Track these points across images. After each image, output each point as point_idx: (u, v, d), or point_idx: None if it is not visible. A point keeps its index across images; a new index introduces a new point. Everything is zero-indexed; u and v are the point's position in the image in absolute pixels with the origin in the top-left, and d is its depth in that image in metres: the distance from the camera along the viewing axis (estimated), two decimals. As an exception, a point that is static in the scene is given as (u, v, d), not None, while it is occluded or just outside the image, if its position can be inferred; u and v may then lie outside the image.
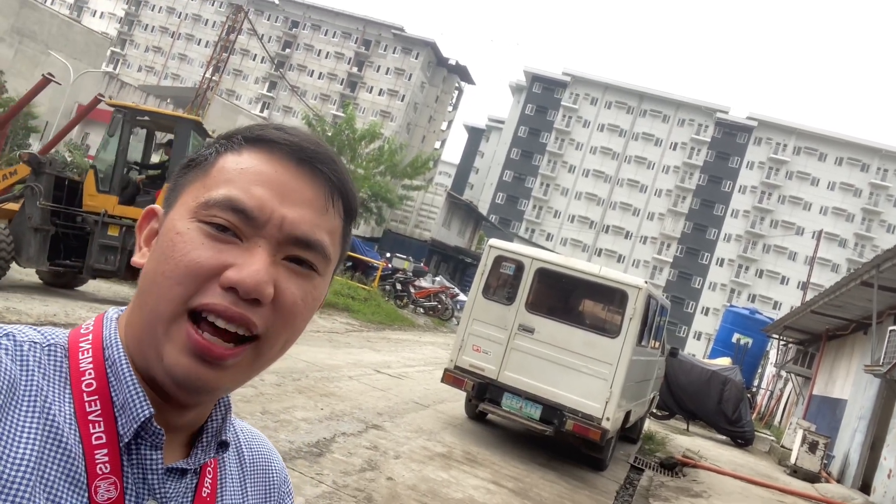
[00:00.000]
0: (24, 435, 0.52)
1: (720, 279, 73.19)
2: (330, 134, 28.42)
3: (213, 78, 29.91)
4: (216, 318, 0.56)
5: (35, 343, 0.57)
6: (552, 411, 7.18)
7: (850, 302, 11.22)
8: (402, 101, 73.27)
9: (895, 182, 71.36)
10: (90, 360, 0.58)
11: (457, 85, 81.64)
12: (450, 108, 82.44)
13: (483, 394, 7.57)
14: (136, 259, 0.62)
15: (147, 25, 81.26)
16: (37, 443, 0.52)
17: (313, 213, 0.60)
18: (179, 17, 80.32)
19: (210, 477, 0.64)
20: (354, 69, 75.70)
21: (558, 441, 8.01)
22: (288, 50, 77.56)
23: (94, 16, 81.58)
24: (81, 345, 0.59)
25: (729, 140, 75.52)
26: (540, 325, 7.51)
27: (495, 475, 6.31)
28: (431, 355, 13.39)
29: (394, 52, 75.03)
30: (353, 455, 5.68)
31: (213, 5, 79.29)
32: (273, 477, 0.74)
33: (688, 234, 74.81)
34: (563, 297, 8.00)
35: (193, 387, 0.57)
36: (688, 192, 75.99)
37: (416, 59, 74.27)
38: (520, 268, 7.76)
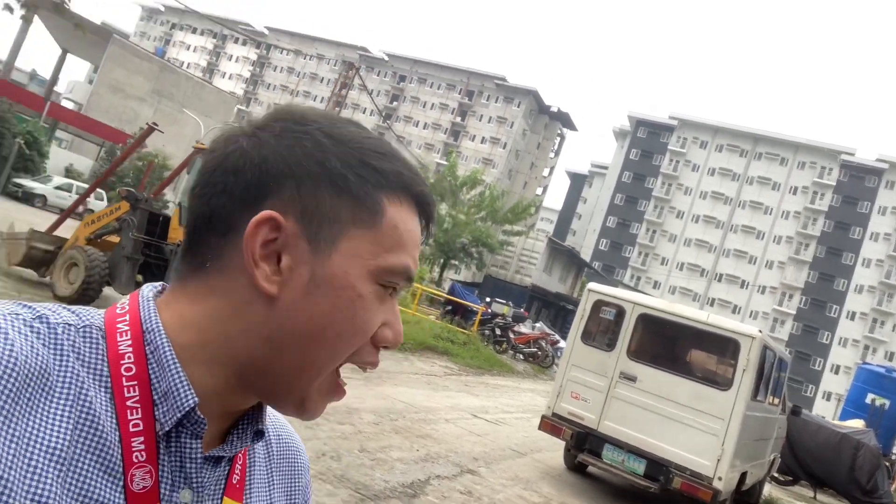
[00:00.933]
0: (56, 425, 0.50)
1: (851, 334, 66.85)
2: (433, 181, 29.23)
3: (326, 130, 31.69)
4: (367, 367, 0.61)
5: (69, 325, 0.54)
6: (657, 467, 6.77)
7: None
8: (504, 148, 74.31)
9: None
10: (129, 342, 0.56)
11: (559, 131, 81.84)
12: (552, 155, 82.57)
13: (582, 444, 7.28)
14: (263, 282, 0.55)
15: (270, 84, 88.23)
16: (68, 431, 0.50)
17: (418, 251, 0.64)
18: (298, 77, 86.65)
19: (240, 464, 0.64)
20: (458, 119, 77.91)
21: (664, 500, 7.51)
22: (395, 102, 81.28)
23: (223, 77, 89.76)
24: (119, 326, 0.57)
25: (856, 184, 70.03)
26: (643, 374, 7.17)
27: (595, 531, 6.00)
28: (530, 402, 13.10)
29: (496, 102, 76.65)
30: (447, 499, 5.61)
31: (328, 64, 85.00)
32: (299, 469, 0.73)
33: (813, 285, 69.32)
34: (668, 344, 7.62)
35: (312, 419, 0.61)
36: (811, 239, 70.82)
37: (518, 107, 75.41)
38: (620, 313, 7.50)
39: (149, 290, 0.61)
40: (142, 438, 0.54)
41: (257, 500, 0.65)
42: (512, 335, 20.03)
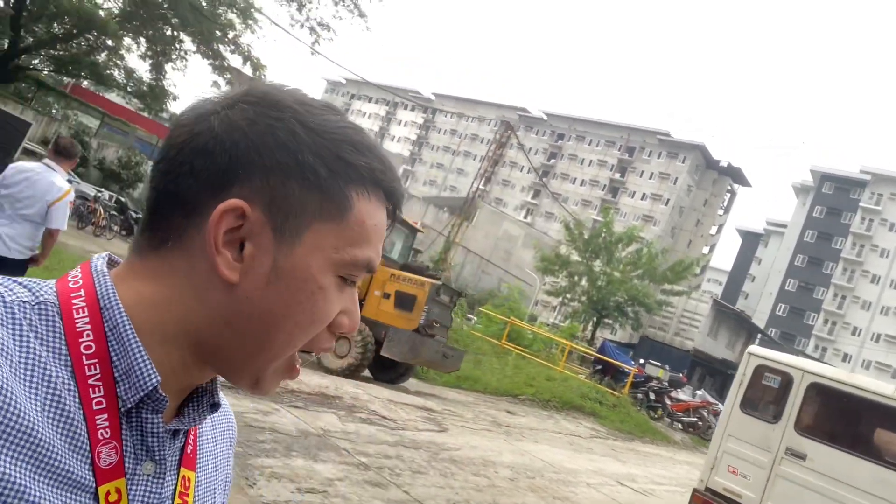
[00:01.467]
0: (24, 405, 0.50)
1: None
2: (587, 237, 28.76)
3: (483, 188, 32.77)
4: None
5: (25, 303, 0.54)
6: (830, 561, 5.86)
7: None
8: (667, 205, 71.32)
9: None
10: (87, 319, 0.55)
11: (728, 187, 77.04)
12: (720, 212, 77.67)
13: (740, 525, 6.53)
14: (224, 269, 0.56)
15: (433, 146, 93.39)
16: (37, 412, 0.51)
17: (382, 241, 0.64)
18: (460, 137, 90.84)
19: (193, 435, 0.66)
20: (617, 175, 76.46)
21: None
22: (553, 160, 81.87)
23: (392, 140, 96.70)
24: (74, 302, 0.56)
25: None
26: (814, 452, 6.32)
27: None
28: (686, 475, 12.03)
29: (658, 157, 74.27)
30: (579, 566, 5.29)
31: (488, 125, 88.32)
32: (233, 432, 0.76)
33: None
34: (846, 421, 6.68)
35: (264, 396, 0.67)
36: None
37: (683, 162, 72.39)
38: (787, 381, 6.73)
39: (101, 262, 0.60)
40: (105, 416, 0.54)
41: (206, 469, 0.68)
42: (668, 401, 18.70)
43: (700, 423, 18.74)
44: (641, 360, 23.24)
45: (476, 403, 11.20)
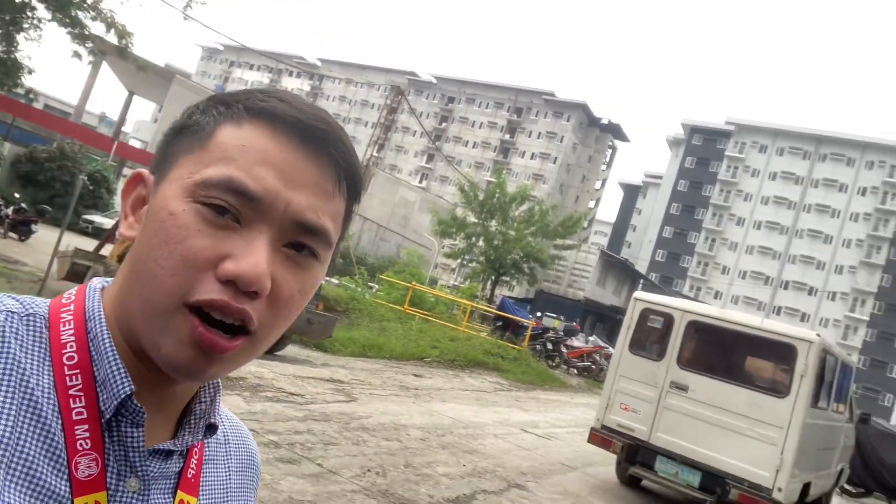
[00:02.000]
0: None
1: (935, 340, 62.77)
2: (481, 198, 29.30)
3: (376, 154, 32.40)
4: (215, 311, 0.54)
5: (13, 313, 0.54)
6: (713, 479, 6.53)
7: None
8: (555, 163, 73.87)
9: None
10: (72, 331, 0.56)
11: (610, 143, 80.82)
12: (603, 167, 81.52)
13: (634, 456, 7.10)
14: (124, 231, 0.58)
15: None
16: (11, 417, 0.50)
17: (319, 198, 0.56)
18: (350, 104, 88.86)
19: (196, 459, 0.64)
20: (507, 136, 78.05)
21: (723, 514, 7.21)
22: (444, 123, 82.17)
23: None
24: (63, 316, 0.57)
25: (932, 180, 66.24)
26: (695, 383, 6.96)
27: (647, 546, 5.82)
28: (583, 416, 12.85)
29: (545, 117, 76.45)
30: (492, 512, 5.56)
31: (378, 91, 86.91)
32: (254, 471, 0.74)
33: (887, 289, 65.55)
34: (720, 352, 7.37)
35: (192, 375, 0.56)
36: (883, 242, 67.14)
37: (568, 121, 74.97)
38: (669, 321, 7.32)
39: (98, 281, 0.61)
40: (86, 426, 0.53)
41: (213, 497, 0.66)
42: (564, 349, 19.74)
43: (593, 366, 19.96)
44: (539, 314, 24.31)
45: (383, 370, 11.30)
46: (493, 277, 29.25)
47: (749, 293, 71.01)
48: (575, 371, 19.73)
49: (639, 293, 7.85)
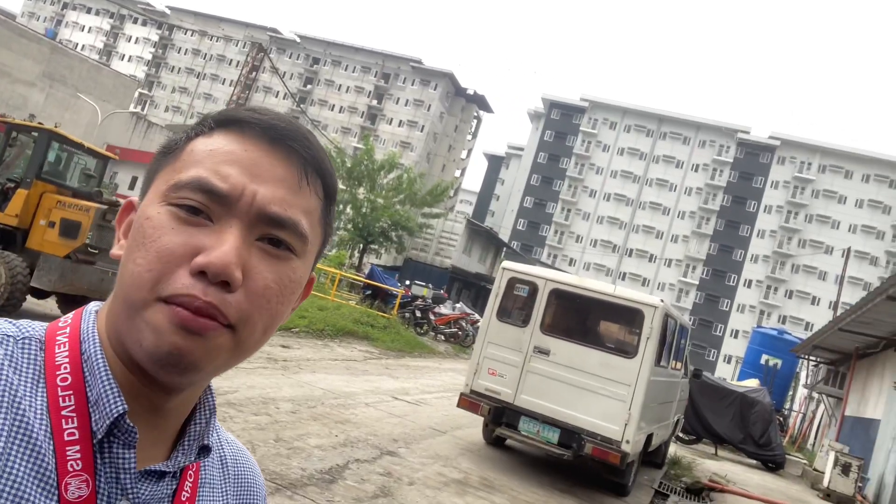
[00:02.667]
0: None
1: (749, 301, 71.80)
2: (349, 165, 28.82)
3: (236, 114, 30.59)
4: (187, 307, 0.54)
5: (8, 336, 0.56)
6: (571, 435, 7.05)
7: (879, 318, 10.91)
8: (422, 131, 74.19)
9: (926, 197, 69.79)
10: (66, 353, 0.57)
11: (475, 114, 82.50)
12: (469, 137, 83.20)
13: (500, 418, 7.48)
14: (114, 251, 0.61)
15: (174, 67, 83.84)
16: (1, 439, 0.50)
17: (286, 191, 0.58)
18: (205, 59, 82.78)
19: (190, 482, 0.63)
20: (374, 102, 77.00)
21: (579, 466, 7.84)
22: (309, 86, 79.27)
23: (122, 59, 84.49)
24: (58, 338, 0.58)
25: (752, 160, 74.80)
26: (556, 347, 7.42)
27: (513, 501, 6.19)
28: (451, 381, 13.29)
29: (412, 84, 76.24)
30: (365, 482, 5.62)
31: (237, 46, 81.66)
32: (255, 495, 0.73)
33: (714, 256, 73.75)
34: (578, 317, 7.91)
35: (176, 362, 0.55)
36: (712, 214, 75.18)
37: (435, 90, 75.36)
38: (534, 289, 7.71)
39: (94, 305, 0.62)
40: (78, 448, 0.54)
41: None
42: (432, 317, 20.18)
43: (460, 332, 20.63)
44: (407, 282, 24.56)
45: (249, 342, 10.89)
46: (360, 245, 29.07)
47: (599, 260, 76.63)
48: (443, 337, 20.27)
49: (506, 263, 8.18)
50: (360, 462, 6.10)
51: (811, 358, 19.00)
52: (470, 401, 7.56)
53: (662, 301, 7.30)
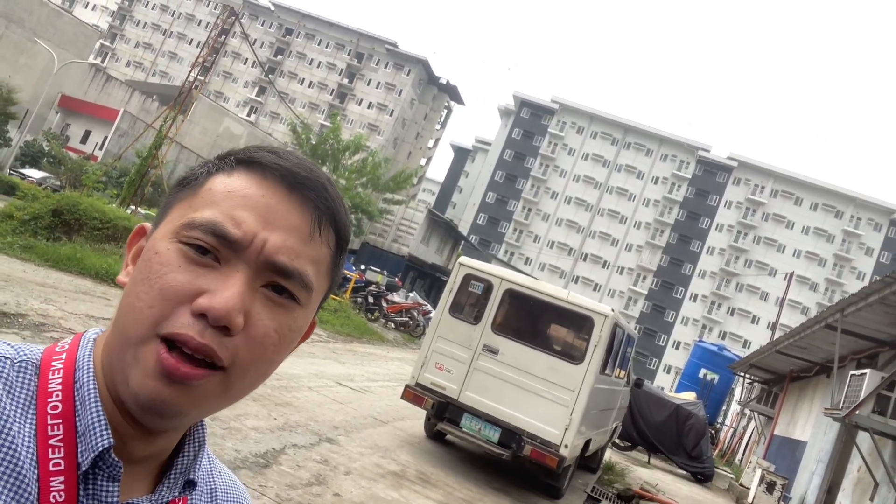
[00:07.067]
0: None
1: (693, 314, 73.92)
2: (314, 142, 28.31)
3: (200, 78, 29.64)
4: (182, 344, 0.54)
5: (6, 359, 0.55)
6: (511, 435, 7.08)
7: (815, 344, 11.32)
8: (391, 115, 73.50)
9: (867, 231, 72.99)
10: (59, 380, 0.56)
11: (446, 104, 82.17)
12: (437, 127, 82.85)
13: (443, 413, 7.45)
14: (121, 278, 0.61)
15: (139, 21, 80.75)
16: None
17: (297, 240, 0.58)
18: (173, 16, 79.98)
19: None
20: (345, 80, 75.84)
21: (515, 466, 7.89)
22: (280, 56, 77.51)
23: (86, 7, 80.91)
24: (53, 364, 0.57)
25: (709, 178, 76.79)
26: (505, 347, 7.43)
27: (447, 497, 6.18)
28: (397, 371, 13.22)
29: (386, 67, 75.38)
30: (301, 468, 5.51)
31: (207, 6, 79.13)
32: None
33: (664, 268, 75.59)
34: (530, 319, 7.93)
35: (158, 409, 0.54)
36: (666, 227, 76.97)
37: (408, 75, 74.68)
38: (488, 288, 7.69)
39: (93, 331, 0.62)
40: (62, 478, 0.53)
41: None
42: (385, 304, 20.07)
43: (411, 322, 20.58)
44: (363, 266, 24.34)
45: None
46: (318, 225, 28.63)
47: (554, 262, 77.62)
48: (393, 325, 20.18)
49: (463, 259, 8.12)
50: (297, 448, 5.99)
51: (747, 376, 19.66)
52: (414, 393, 7.51)
53: (613, 310, 7.38)
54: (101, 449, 0.53)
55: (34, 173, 28.62)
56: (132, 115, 39.48)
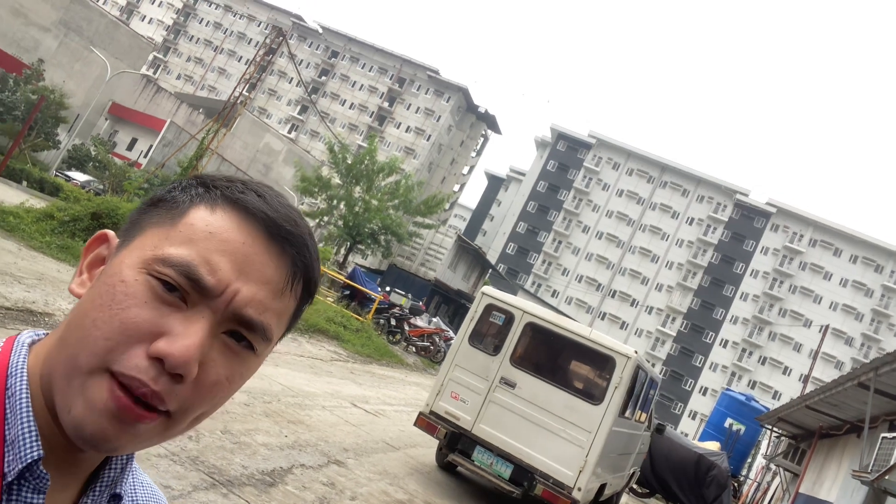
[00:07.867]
0: None
1: (722, 360, 72.09)
2: (350, 162, 28.67)
3: (246, 94, 30.41)
4: (132, 390, 0.53)
5: None
6: (523, 472, 6.91)
7: (846, 402, 10.88)
8: (428, 140, 74.26)
9: (908, 287, 70.69)
10: None
11: (483, 132, 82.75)
12: (473, 154, 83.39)
13: (455, 444, 7.32)
14: (75, 287, 0.58)
15: (193, 37, 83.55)
16: None
17: (267, 294, 0.57)
18: (225, 34, 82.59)
19: None
20: (385, 104, 77.06)
21: (526, 504, 7.69)
22: (324, 77, 79.24)
23: (143, 20, 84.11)
24: None
25: (746, 222, 75.47)
26: (522, 381, 7.30)
27: (453, 531, 6.03)
28: (414, 396, 13.10)
29: (426, 93, 76.42)
30: (306, 489, 5.44)
31: (259, 26, 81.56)
32: None
33: (694, 311, 74.10)
34: (550, 355, 7.80)
35: (97, 444, 0.53)
36: (699, 269, 75.65)
37: (447, 101, 75.56)
38: (510, 319, 7.60)
39: (27, 335, 0.60)
40: None
41: None
42: (407, 327, 20.00)
43: (431, 347, 20.45)
44: (388, 288, 24.40)
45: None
46: (348, 244, 28.87)
47: (582, 296, 76.75)
48: (414, 349, 20.08)
49: (486, 288, 8.05)
50: (304, 468, 5.93)
51: (774, 429, 18.99)
52: (428, 421, 7.40)
53: (636, 352, 7.21)
54: (29, 461, 0.51)
55: (79, 176, 29.53)
56: (178, 125, 40.64)
